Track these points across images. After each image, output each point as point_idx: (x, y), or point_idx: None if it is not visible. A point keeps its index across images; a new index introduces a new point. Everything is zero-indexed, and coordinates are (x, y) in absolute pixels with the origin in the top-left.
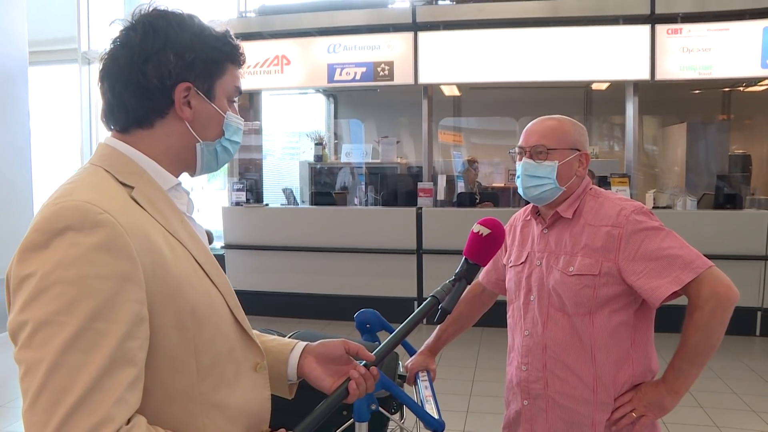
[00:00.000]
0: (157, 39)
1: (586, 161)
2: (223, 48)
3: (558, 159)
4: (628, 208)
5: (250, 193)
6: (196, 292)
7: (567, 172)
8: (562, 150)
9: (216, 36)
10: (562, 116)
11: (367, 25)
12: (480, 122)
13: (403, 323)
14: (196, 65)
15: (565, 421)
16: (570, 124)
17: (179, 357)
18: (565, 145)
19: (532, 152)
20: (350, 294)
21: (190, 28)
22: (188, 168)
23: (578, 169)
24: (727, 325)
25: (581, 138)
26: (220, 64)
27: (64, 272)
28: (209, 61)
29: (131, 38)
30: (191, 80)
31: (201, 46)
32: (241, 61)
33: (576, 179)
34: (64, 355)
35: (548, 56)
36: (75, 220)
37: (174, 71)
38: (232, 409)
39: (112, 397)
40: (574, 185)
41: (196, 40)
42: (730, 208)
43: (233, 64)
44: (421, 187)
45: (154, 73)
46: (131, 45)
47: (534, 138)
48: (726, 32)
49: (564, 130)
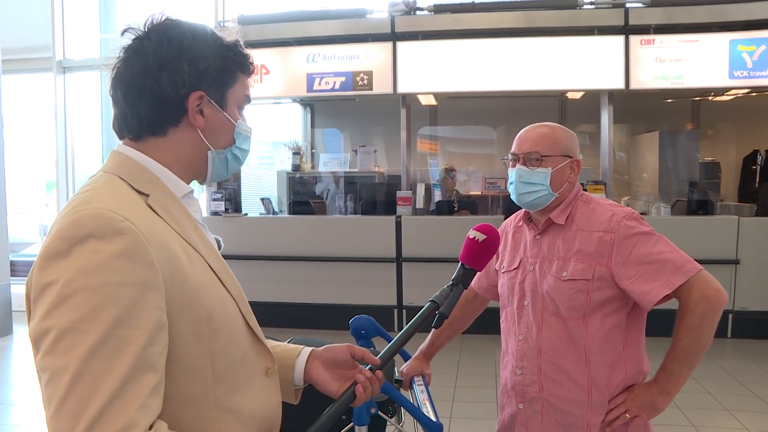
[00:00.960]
0: (171, 48)
1: (578, 168)
2: (235, 57)
3: (551, 165)
4: (620, 214)
5: (229, 202)
6: (212, 298)
7: (560, 178)
8: (555, 157)
9: (227, 45)
10: (553, 123)
11: (346, 34)
12: (457, 131)
13: (404, 328)
14: (209, 74)
15: (560, 423)
16: (561, 131)
17: (196, 363)
18: (558, 152)
19: (525, 159)
20: (330, 303)
21: (203, 37)
22: (199, 176)
23: (570, 175)
24: (716, 327)
25: (572, 145)
26: (232, 73)
27: (86, 279)
28: (221, 70)
29: (145, 47)
30: (204, 89)
31: (213, 55)
32: (251, 70)
33: (568, 185)
34: (88, 361)
35: (525, 66)
36: (96, 228)
37: (188, 80)
38: (245, 414)
39: (136, 403)
40: (566, 191)
41: (209, 50)
42: (702, 214)
43: (243, 73)
44: (400, 196)
45: (168, 81)
46: (145, 53)
47: (527, 145)
48: (696, 43)
49: (556, 138)
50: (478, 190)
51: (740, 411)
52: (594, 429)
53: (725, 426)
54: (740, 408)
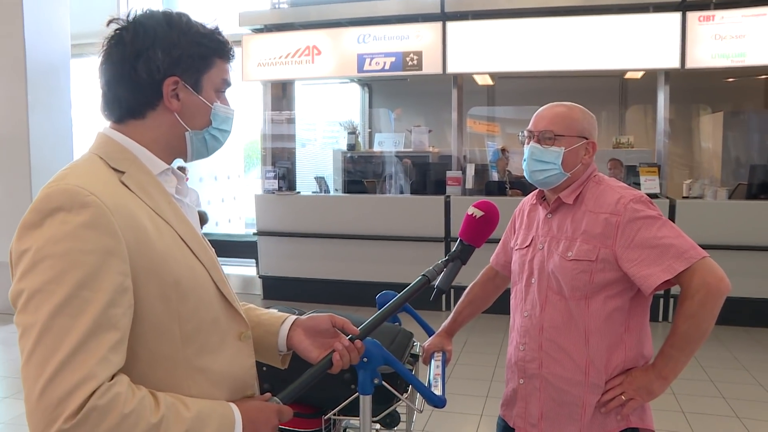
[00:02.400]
0: (146, 37)
1: (593, 150)
2: (210, 44)
3: (565, 146)
4: (627, 197)
5: (283, 180)
6: (180, 265)
7: (573, 159)
8: (570, 137)
9: (203, 33)
10: (572, 103)
11: (397, 15)
12: (512, 111)
13: (390, 301)
14: (182, 61)
15: (556, 400)
16: (579, 111)
17: (164, 324)
18: (573, 132)
19: (540, 137)
20: (380, 281)
21: (177, 26)
22: (180, 154)
23: (584, 156)
24: (717, 315)
25: (589, 127)
26: (207, 59)
27: (54, 247)
28: (196, 56)
29: (123, 37)
30: (179, 74)
31: (187, 42)
32: (229, 55)
33: (581, 166)
34: (53, 319)
35: (578, 45)
36: (65, 202)
37: (162, 66)
38: (215, 373)
39: (96, 357)
40: (579, 172)
41: (183, 38)
42: (763, 198)
43: (221, 58)
44: (449, 176)
45: (144, 68)
46: (124, 43)
47: (543, 123)
48: (762, 17)
49: (573, 118)
50: None
51: None
52: (589, 408)
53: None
54: None
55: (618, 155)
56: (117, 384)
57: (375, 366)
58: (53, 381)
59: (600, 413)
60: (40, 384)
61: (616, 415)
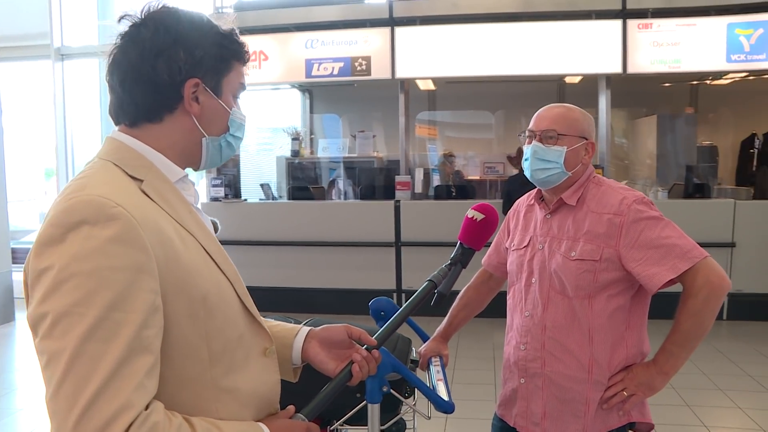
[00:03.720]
0: (167, 35)
1: (592, 150)
2: (230, 46)
3: (567, 145)
4: (630, 198)
5: (229, 188)
6: (206, 280)
7: (574, 158)
8: (571, 137)
9: (223, 34)
10: (571, 105)
11: (344, 20)
12: (455, 116)
13: (401, 307)
14: (204, 62)
15: (559, 398)
16: (579, 112)
17: (191, 344)
18: (575, 132)
19: (542, 136)
20: (330, 287)
21: (199, 25)
22: (193, 162)
23: (584, 157)
24: (717, 312)
25: (589, 127)
26: (227, 61)
27: (80, 264)
28: (217, 58)
29: (142, 34)
30: (200, 76)
31: (209, 43)
32: (246, 58)
33: (581, 167)
34: (84, 344)
35: (522, 50)
36: (90, 214)
37: (184, 67)
38: (242, 393)
39: (132, 384)
40: (579, 172)
41: (204, 38)
42: (699, 197)
43: (239, 61)
44: (398, 181)
45: (165, 68)
46: (142, 41)
47: (545, 123)
48: (693, 27)
49: (574, 118)
50: (476, 174)
51: (733, 390)
52: (592, 405)
53: (719, 405)
54: (733, 387)
55: None
56: (154, 412)
57: (384, 374)
58: (88, 412)
59: (602, 409)
60: (75, 416)
61: (618, 410)
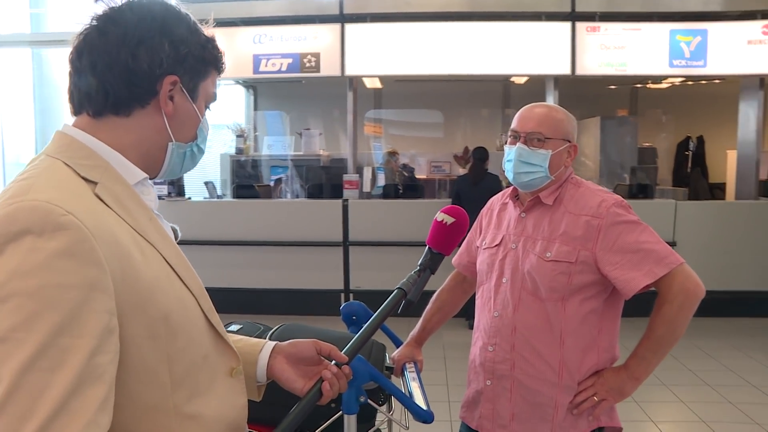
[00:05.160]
0: (154, 24)
1: (574, 152)
2: (213, 51)
3: (551, 148)
4: (609, 201)
5: (172, 186)
6: (169, 297)
7: (557, 162)
8: (556, 140)
9: (207, 38)
10: (554, 104)
11: (293, 15)
12: (402, 114)
13: (371, 318)
14: (187, 60)
15: (528, 401)
16: (563, 113)
17: (151, 369)
18: (559, 135)
19: (527, 138)
20: (277, 287)
21: (186, 22)
22: (151, 169)
23: (566, 159)
24: (690, 319)
25: (572, 130)
26: (207, 66)
27: (22, 282)
28: (199, 59)
29: (126, 17)
30: (179, 74)
31: (194, 42)
32: (223, 69)
33: (563, 169)
34: (24, 376)
35: (473, 50)
36: (34, 223)
37: (166, 61)
38: (207, 419)
39: (82, 421)
40: (561, 175)
41: (191, 36)
42: (642, 197)
43: (216, 70)
44: (346, 179)
45: (146, 58)
46: (125, 24)
47: (531, 124)
48: (638, 32)
49: (559, 120)
50: (423, 173)
51: (676, 385)
52: (561, 409)
53: (663, 399)
54: (676, 382)
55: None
56: None
57: (360, 383)
58: None
59: (572, 415)
60: None
61: (588, 416)
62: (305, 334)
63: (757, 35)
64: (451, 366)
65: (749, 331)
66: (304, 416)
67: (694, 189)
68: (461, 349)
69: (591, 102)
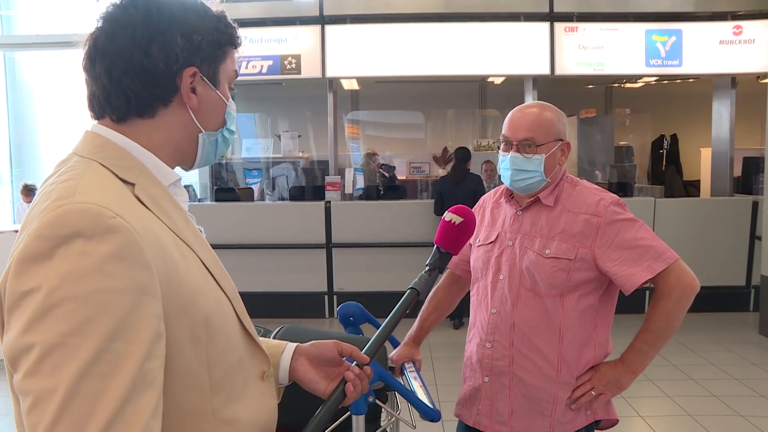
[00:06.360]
0: (161, 18)
1: (568, 149)
2: (226, 29)
3: (545, 152)
4: (607, 199)
5: None
6: (208, 300)
7: (552, 163)
8: (548, 143)
9: (218, 17)
10: (544, 103)
11: (273, 17)
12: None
13: (387, 318)
14: (203, 48)
15: (527, 397)
16: (553, 113)
17: (193, 372)
18: (551, 137)
19: (519, 146)
20: (259, 290)
21: (193, 7)
22: (185, 161)
23: (560, 158)
24: (686, 312)
25: (563, 127)
26: (223, 47)
27: (74, 287)
28: (214, 43)
29: (131, 16)
30: (197, 65)
31: (206, 27)
32: (240, 42)
33: (558, 168)
34: (80, 382)
35: (453, 51)
36: (84, 226)
37: (181, 54)
38: (243, 423)
39: (137, 427)
40: (557, 174)
41: (201, 21)
42: (622, 195)
43: (233, 46)
44: (328, 181)
45: (160, 56)
46: (132, 23)
47: (522, 132)
48: (615, 32)
49: (550, 121)
50: (402, 174)
51: (661, 380)
52: (560, 404)
53: (650, 395)
54: (661, 377)
55: (483, 157)
56: None
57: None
58: None
59: (571, 409)
60: None
61: (586, 410)
62: (308, 337)
63: (728, 35)
64: (439, 366)
65: (726, 325)
66: (330, 418)
67: (669, 186)
68: (448, 350)
69: (570, 102)
